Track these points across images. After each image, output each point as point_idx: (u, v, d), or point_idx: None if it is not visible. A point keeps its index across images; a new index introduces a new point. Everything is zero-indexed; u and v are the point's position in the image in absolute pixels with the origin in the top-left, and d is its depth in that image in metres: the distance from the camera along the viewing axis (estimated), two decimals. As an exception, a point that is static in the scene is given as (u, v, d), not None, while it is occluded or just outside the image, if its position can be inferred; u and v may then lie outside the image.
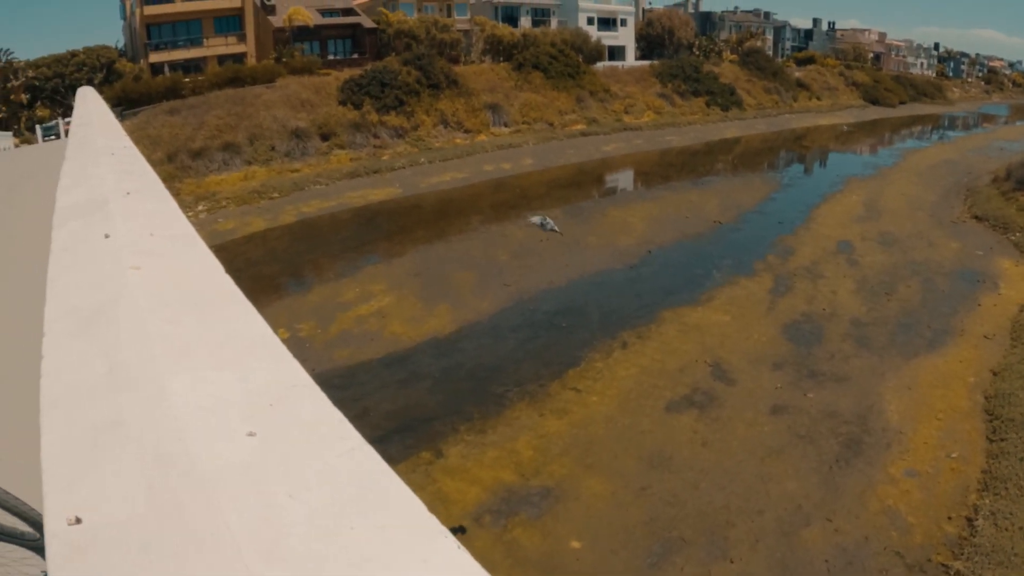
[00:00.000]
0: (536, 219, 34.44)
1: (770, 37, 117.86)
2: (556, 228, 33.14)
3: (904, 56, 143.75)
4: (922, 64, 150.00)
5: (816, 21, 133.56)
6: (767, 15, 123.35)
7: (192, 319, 2.50)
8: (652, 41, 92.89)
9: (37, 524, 3.02)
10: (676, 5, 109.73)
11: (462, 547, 1.38)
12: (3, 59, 63.89)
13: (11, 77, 62.48)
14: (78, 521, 1.52)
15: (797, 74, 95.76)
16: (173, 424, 1.82)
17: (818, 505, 13.62)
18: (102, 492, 1.60)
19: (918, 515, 13.43)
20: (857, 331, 21.91)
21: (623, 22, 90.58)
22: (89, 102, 19.17)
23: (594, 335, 21.60)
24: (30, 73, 63.75)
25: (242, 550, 1.41)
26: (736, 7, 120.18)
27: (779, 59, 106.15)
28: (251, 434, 1.77)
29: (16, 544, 3.12)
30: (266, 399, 1.93)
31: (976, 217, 36.63)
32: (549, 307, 24.02)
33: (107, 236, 3.61)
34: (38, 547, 3.08)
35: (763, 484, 14.18)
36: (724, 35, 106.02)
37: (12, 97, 61.89)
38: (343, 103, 54.20)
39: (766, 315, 23.19)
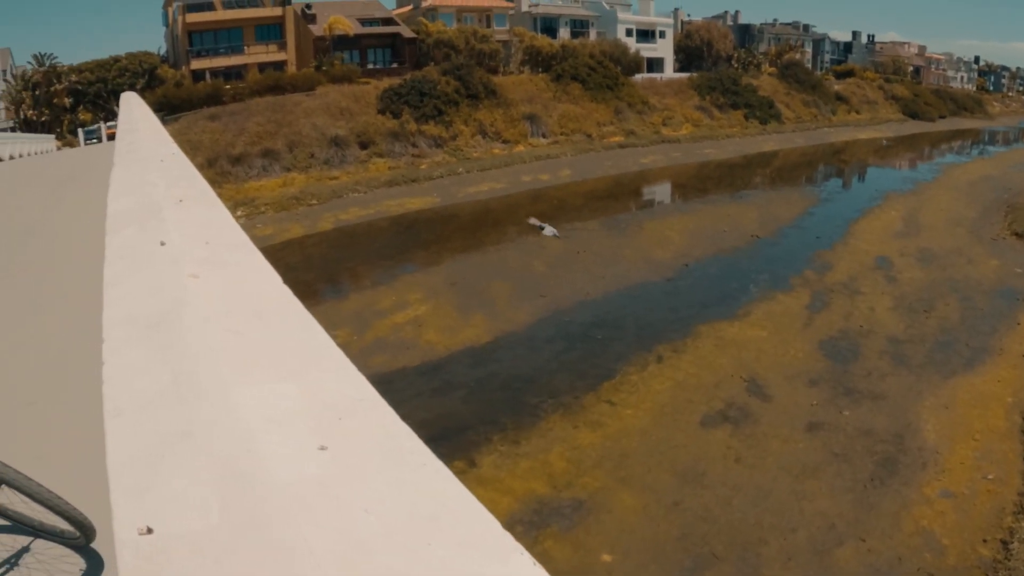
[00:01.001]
0: (536, 222, 34.55)
1: (809, 50, 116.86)
2: (556, 233, 33.16)
3: (944, 69, 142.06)
4: (962, 78, 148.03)
5: (855, 34, 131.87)
6: (806, 27, 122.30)
7: (255, 330, 2.52)
8: (691, 53, 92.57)
9: (79, 523, 3.05)
10: (715, 17, 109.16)
11: (537, 564, 1.42)
12: (47, 63, 64.98)
13: (55, 81, 63.43)
14: (150, 531, 1.54)
15: (836, 87, 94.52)
16: (244, 436, 1.83)
17: (852, 524, 13.56)
18: (174, 502, 1.62)
19: (952, 536, 13.35)
20: (894, 349, 21.77)
21: (662, 34, 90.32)
22: (134, 108, 19.48)
23: (629, 348, 21.62)
24: (73, 77, 64.68)
25: (321, 564, 1.43)
26: (775, 19, 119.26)
27: (818, 72, 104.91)
28: (323, 448, 1.77)
29: (56, 542, 3.19)
30: (334, 413, 1.93)
31: (1016, 234, 36.20)
32: (585, 319, 24.06)
33: (163, 243, 3.65)
34: (78, 546, 3.20)
35: (797, 501, 14.14)
36: (763, 47, 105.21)
37: (55, 100, 62.82)
38: (382, 112, 54.49)
39: (803, 331, 23.09)
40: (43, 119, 61.79)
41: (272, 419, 1.91)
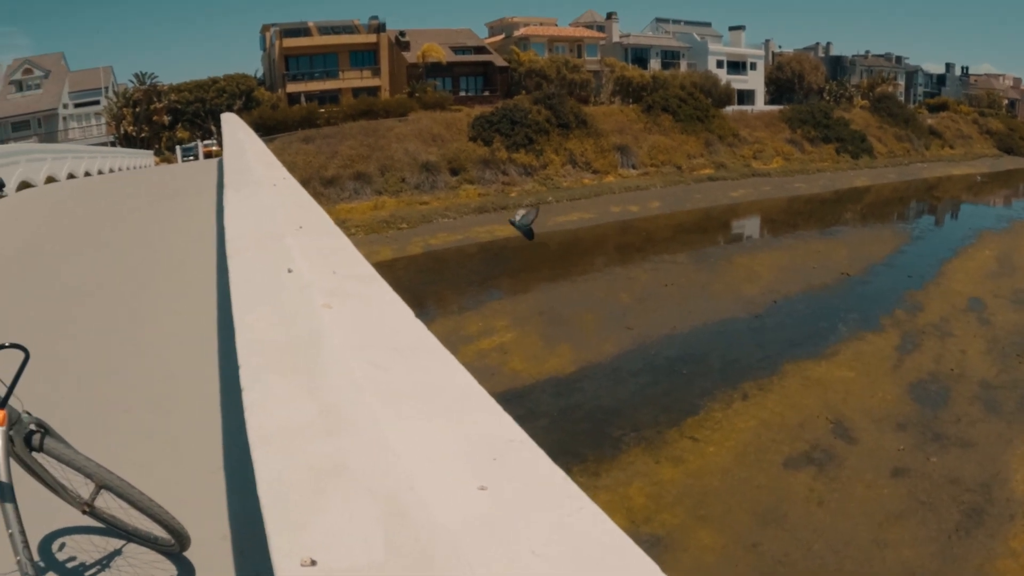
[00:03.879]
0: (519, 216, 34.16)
1: (902, 82, 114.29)
2: (531, 223, 32.53)
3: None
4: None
5: (949, 66, 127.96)
6: (899, 59, 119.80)
7: (396, 364, 2.56)
8: (782, 85, 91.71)
9: (175, 531, 3.20)
10: (807, 49, 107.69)
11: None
12: (148, 82, 67.14)
13: (155, 99, 65.66)
14: (313, 563, 1.60)
15: (929, 121, 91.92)
16: (403, 473, 1.86)
17: (934, 575, 13.46)
18: (336, 536, 1.67)
19: (1038, 592, 13.17)
20: (986, 394, 21.38)
21: (752, 66, 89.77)
22: (238, 130, 19.99)
23: (715, 384, 21.58)
24: (172, 96, 66.99)
25: (496, 605, 1.49)
26: (867, 51, 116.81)
27: (911, 105, 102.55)
28: (483, 488, 1.79)
29: (150, 548, 3.34)
30: (488, 453, 1.96)
31: (1119, 278, 35.21)
32: (671, 352, 24.11)
33: (290, 271, 3.75)
34: (171, 552, 3.36)
35: (879, 549, 14.03)
36: (855, 80, 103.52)
37: (155, 118, 64.98)
38: (473, 139, 55.13)
39: (892, 373, 22.81)
40: (142, 135, 64.00)
41: (428, 457, 1.93)
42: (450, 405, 2.25)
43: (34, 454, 2.80)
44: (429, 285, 32.94)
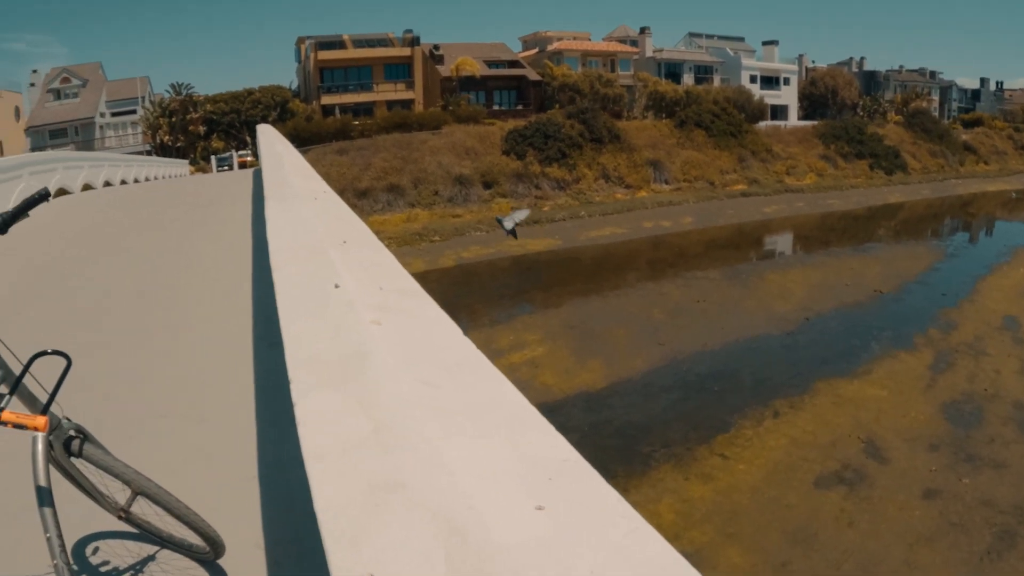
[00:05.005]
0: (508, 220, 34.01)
1: (936, 98, 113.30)
2: (516, 225, 32.29)
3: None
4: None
5: (983, 81, 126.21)
6: (933, 74, 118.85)
7: (448, 382, 2.52)
8: (815, 100, 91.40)
9: (210, 539, 3.24)
10: (840, 63, 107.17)
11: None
12: (184, 92, 68.16)
13: (190, 109, 66.66)
14: None
15: (964, 137, 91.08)
16: (460, 492, 1.85)
17: (966, 598, 13.39)
18: (396, 553, 1.65)
19: (1071, 617, 13.08)
20: (1020, 415, 21.15)
21: (786, 81, 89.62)
22: (275, 141, 20.03)
23: (746, 401, 21.52)
24: (208, 107, 67.89)
25: (558, 626, 1.47)
26: (901, 66, 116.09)
27: (945, 121, 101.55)
28: (540, 508, 1.77)
29: (184, 554, 3.37)
30: (543, 473, 1.93)
31: None
32: (702, 369, 24.09)
33: (337, 286, 3.72)
34: (205, 560, 3.39)
35: (909, 571, 13.93)
36: (889, 95, 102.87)
37: (190, 128, 65.97)
38: (506, 153, 55.42)
39: (924, 392, 22.66)
40: (178, 145, 64.98)
41: (483, 476, 1.93)
42: (502, 423, 2.22)
43: (73, 460, 2.82)
44: (461, 298, 33.06)
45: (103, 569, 3.28)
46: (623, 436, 19.45)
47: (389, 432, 2.16)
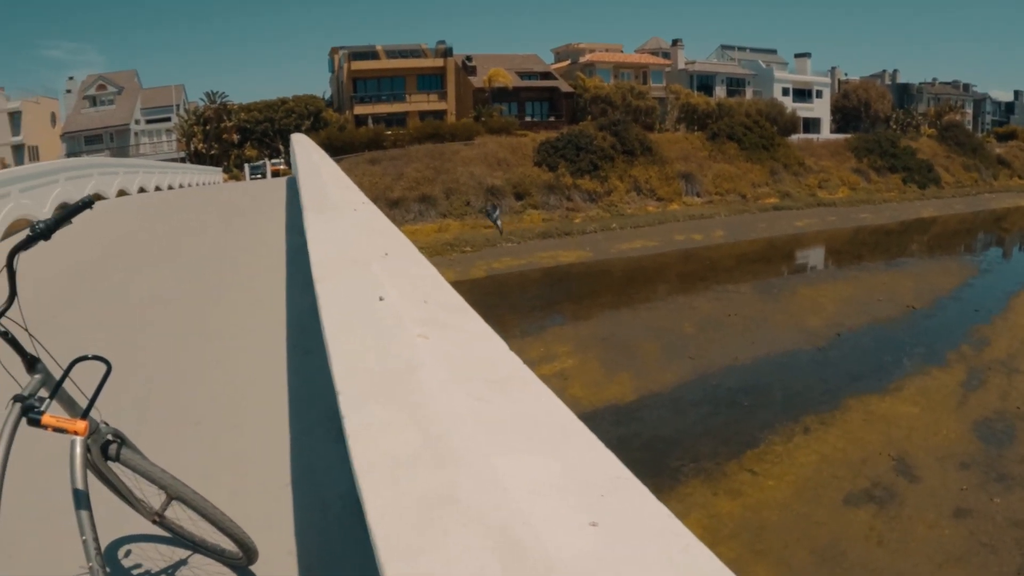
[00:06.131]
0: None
1: (970, 111, 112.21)
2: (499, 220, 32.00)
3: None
4: None
5: (1017, 93, 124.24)
6: (966, 87, 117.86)
7: (497, 397, 2.50)
8: (848, 113, 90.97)
9: (244, 544, 3.25)
10: (873, 76, 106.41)
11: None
12: (218, 101, 68.86)
13: (224, 118, 67.32)
14: None
15: (998, 150, 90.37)
16: (515, 507, 1.84)
17: (996, 618, 13.31)
18: (452, 567, 1.66)
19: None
20: (1053, 434, 21.09)
21: (819, 93, 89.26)
22: (311, 151, 20.12)
23: (776, 417, 21.43)
24: (242, 116, 68.62)
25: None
26: (935, 78, 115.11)
27: (979, 134, 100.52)
28: (593, 524, 1.76)
29: (217, 560, 3.38)
30: (595, 489, 1.93)
31: None
32: (732, 384, 24.03)
33: (381, 299, 3.69)
34: (237, 565, 3.40)
35: (939, 590, 13.95)
36: (922, 108, 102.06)
37: (224, 136, 66.65)
38: (538, 164, 55.56)
39: (956, 410, 22.48)
40: (212, 152, 65.59)
41: (536, 491, 1.91)
42: (552, 439, 2.21)
43: (110, 463, 2.85)
44: (492, 309, 33.09)
45: (136, 572, 3.32)
46: (652, 450, 19.40)
47: (441, 446, 2.16)
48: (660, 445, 19.74)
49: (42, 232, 2.69)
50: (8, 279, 2.66)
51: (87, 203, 2.99)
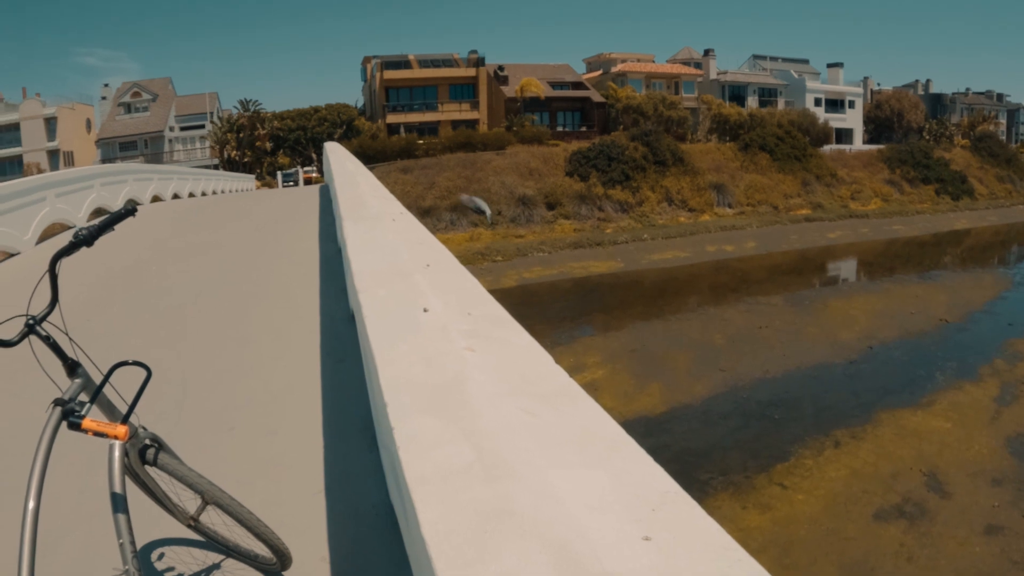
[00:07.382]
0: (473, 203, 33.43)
1: (1003, 121, 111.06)
2: (485, 209, 31.68)
3: None
4: None
5: None
6: (1000, 97, 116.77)
7: (546, 411, 2.52)
8: (880, 124, 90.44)
9: (277, 550, 3.29)
10: (906, 86, 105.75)
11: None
12: (252, 109, 69.48)
13: (258, 126, 67.98)
14: None
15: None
16: (571, 521, 1.86)
17: (1026, 637, 13.23)
18: None
19: None
20: (1087, 451, 20.91)
21: (851, 104, 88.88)
22: (346, 160, 20.19)
23: (806, 430, 21.33)
24: (275, 124, 69.37)
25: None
26: (968, 88, 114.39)
27: (1013, 144, 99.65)
28: (647, 538, 1.78)
29: (250, 564, 3.42)
30: (646, 503, 1.94)
31: None
32: (763, 396, 23.95)
33: (425, 310, 3.77)
34: (271, 571, 3.44)
35: (969, 608, 13.87)
36: (955, 118, 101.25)
37: (257, 144, 67.33)
38: (570, 174, 55.61)
39: (989, 425, 22.32)
40: (245, 160, 66.23)
41: (589, 505, 1.93)
42: (603, 453, 2.23)
43: (147, 468, 2.87)
44: (522, 319, 32.27)
45: (170, 576, 3.34)
46: (681, 462, 19.32)
47: (494, 459, 2.19)
48: (689, 457, 19.69)
49: (85, 239, 2.77)
50: (50, 284, 2.73)
51: (130, 211, 3.07)
